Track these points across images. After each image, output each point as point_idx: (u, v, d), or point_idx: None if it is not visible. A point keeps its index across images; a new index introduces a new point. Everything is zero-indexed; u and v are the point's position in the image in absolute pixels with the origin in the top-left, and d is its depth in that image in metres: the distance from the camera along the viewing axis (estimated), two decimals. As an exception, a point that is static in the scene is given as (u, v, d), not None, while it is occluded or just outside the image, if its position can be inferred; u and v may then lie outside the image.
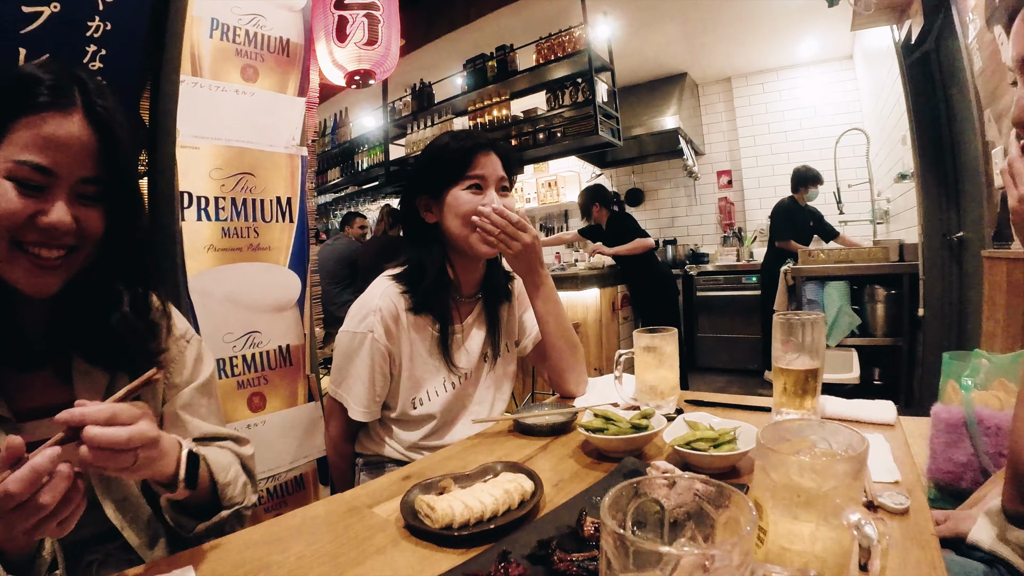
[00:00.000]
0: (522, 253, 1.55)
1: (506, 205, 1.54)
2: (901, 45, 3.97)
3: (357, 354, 1.53)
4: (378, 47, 2.58)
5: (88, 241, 0.96)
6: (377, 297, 1.54)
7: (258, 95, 2.01)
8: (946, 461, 1.63)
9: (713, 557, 0.41)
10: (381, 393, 1.56)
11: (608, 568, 0.44)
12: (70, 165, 0.91)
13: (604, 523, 0.44)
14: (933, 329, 4.05)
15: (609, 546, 0.43)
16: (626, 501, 0.48)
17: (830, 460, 0.61)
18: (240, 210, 1.96)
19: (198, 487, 0.98)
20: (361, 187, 8.62)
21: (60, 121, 0.89)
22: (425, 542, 0.90)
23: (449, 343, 1.59)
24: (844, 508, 0.55)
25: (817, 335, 1.23)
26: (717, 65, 7.22)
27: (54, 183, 0.90)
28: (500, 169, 1.58)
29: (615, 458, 1.18)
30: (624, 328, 5.53)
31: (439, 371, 1.60)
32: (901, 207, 5.07)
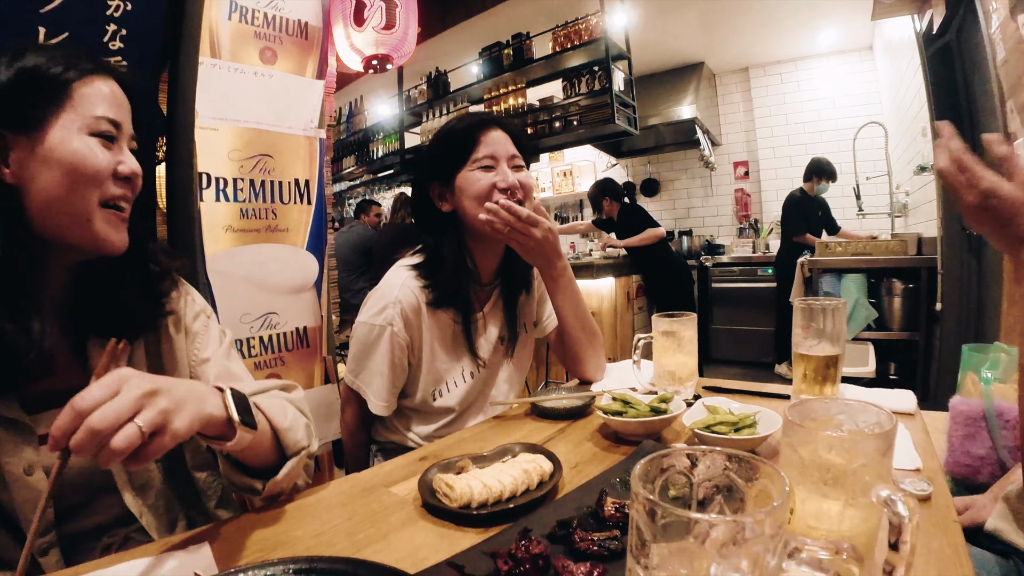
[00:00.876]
0: (535, 248, 1.50)
1: (522, 182, 1.51)
2: (922, 35, 3.92)
3: (376, 347, 1.50)
4: (396, 31, 2.56)
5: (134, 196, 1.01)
6: (396, 288, 1.50)
7: (276, 77, 2.00)
8: (964, 454, 1.62)
9: (744, 526, 0.40)
10: (399, 384, 1.54)
11: (639, 539, 0.43)
12: (125, 120, 0.98)
13: (635, 492, 0.43)
14: (951, 324, 4.02)
15: (640, 515, 0.42)
16: (655, 473, 0.48)
17: (860, 436, 0.60)
18: (258, 191, 1.96)
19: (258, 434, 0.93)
20: (376, 175, 8.64)
21: (107, 81, 0.96)
22: (443, 521, 0.90)
23: (472, 333, 1.57)
24: (873, 486, 0.54)
25: (838, 322, 1.22)
26: (735, 55, 7.16)
27: (120, 137, 0.97)
28: (510, 146, 1.52)
29: (633, 441, 1.18)
30: (639, 318, 5.52)
31: (459, 361, 1.58)
32: (920, 200, 5.02)
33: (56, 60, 0.91)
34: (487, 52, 6.31)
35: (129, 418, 0.70)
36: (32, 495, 0.90)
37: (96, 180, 0.91)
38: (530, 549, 0.69)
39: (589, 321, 1.65)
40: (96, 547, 1.00)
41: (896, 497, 0.50)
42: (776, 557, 0.42)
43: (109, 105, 0.94)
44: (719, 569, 0.41)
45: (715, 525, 0.40)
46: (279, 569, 0.70)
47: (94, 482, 1.00)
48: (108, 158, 0.93)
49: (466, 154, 1.51)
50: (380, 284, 1.57)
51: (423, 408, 1.56)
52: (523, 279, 1.70)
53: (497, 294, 1.67)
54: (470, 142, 1.51)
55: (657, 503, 0.41)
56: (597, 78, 5.56)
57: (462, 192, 1.51)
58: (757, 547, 0.41)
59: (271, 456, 1.00)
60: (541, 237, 1.48)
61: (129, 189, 0.97)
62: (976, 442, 1.60)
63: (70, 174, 0.89)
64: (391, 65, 2.66)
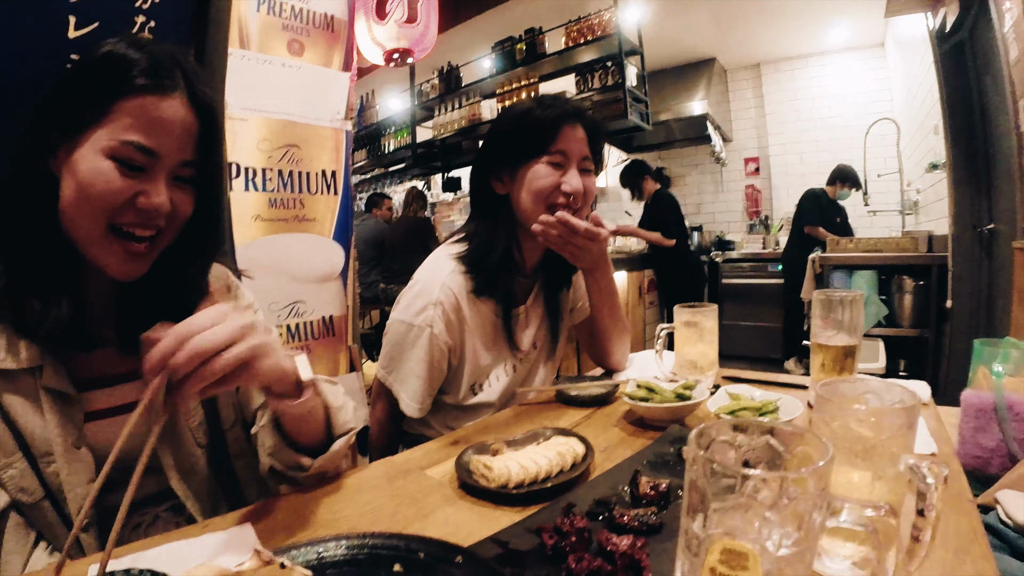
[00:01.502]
0: (587, 257, 1.47)
1: (587, 188, 1.45)
2: (935, 33, 3.93)
3: (413, 348, 1.43)
4: (417, 25, 2.59)
5: (175, 224, 0.97)
6: (438, 288, 1.43)
7: (304, 69, 2.04)
8: (975, 446, 1.64)
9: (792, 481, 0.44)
10: (436, 387, 1.49)
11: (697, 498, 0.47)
12: (172, 148, 0.91)
13: (693, 453, 0.47)
14: (961, 321, 4.03)
15: (699, 475, 0.46)
16: (707, 440, 0.52)
17: (888, 410, 0.64)
18: (287, 181, 2.00)
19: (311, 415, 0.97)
20: (387, 169, 8.67)
21: (165, 103, 0.90)
22: (481, 500, 0.92)
23: (513, 326, 1.53)
24: (899, 456, 0.58)
25: (856, 313, 1.25)
26: (746, 51, 7.17)
27: (155, 164, 0.90)
28: (585, 146, 1.46)
29: (658, 427, 1.21)
30: (650, 312, 5.54)
31: (500, 356, 1.55)
32: (931, 198, 5.03)
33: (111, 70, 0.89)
34: (500, 47, 6.33)
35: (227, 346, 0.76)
36: (78, 469, 0.92)
37: (102, 206, 0.88)
38: (574, 523, 0.73)
39: (621, 317, 1.66)
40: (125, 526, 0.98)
41: (922, 464, 0.54)
42: (821, 515, 0.46)
43: (147, 130, 0.88)
44: (769, 525, 0.45)
45: (766, 481, 0.44)
46: (332, 545, 0.73)
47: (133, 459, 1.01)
48: (123, 185, 0.88)
49: (541, 145, 1.43)
50: (421, 276, 1.50)
51: (462, 404, 1.52)
52: (567, 276, 1.67)
53: (539, 288, 1.63)
54: (549, 133, 1.43)
55: (714, 461, 0.45)
56: (610, 73, 5.57)
57: (524, 183, 1.45)
58: (803, 504, 0.45)
59: (320, 434, 1.02)
60: (597, 251, 1.46)
61: (147, 219, 0.91)
62: (987, 434, 1.62)
63: (78, 193, 0.88)
64: (412, 59, 2.70)
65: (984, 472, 1.61)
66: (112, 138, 0.87)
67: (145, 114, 0.88)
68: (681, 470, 0.97)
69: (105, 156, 0.87)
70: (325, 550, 0.72)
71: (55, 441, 0.90)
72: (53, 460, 0.91)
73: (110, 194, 0.87)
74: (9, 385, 0.89)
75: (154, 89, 0.89)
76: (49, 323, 0.88)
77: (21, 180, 0.92)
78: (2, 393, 0.89)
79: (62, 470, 0.91)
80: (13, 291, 0.90)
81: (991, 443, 1.62)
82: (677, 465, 0.99)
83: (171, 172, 0.93)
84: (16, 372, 0.89)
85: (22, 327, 0.89)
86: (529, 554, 0.74)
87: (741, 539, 0.45)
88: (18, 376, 0.90)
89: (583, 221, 1.41)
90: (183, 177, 0.95)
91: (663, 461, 1.01)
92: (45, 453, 0.91)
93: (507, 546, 0.76)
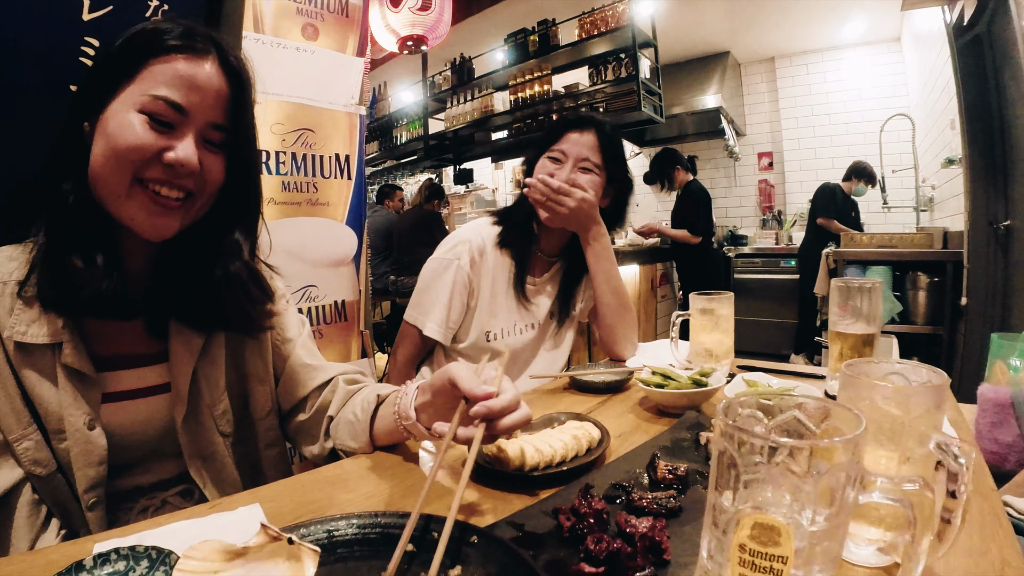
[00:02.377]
0: (570, 216, 1.61)
1: (576, 183, 1.62)
2: (952, 26, 3.88)
3: (440, 277, 1.65)
4: (431, 12, 2.58)
5: (207, 189, 0.97)
6: (469, 230, 1.71)
7: (318, 53, 2.03)
8: (991, 442, 1.62)
9: (822, 450, 0.43)
10: (456, 320, 1.67)
11: (727, 468, 0.46)
12: (202, 107, 0.92)
13: (722, 425, 0.46)
14: (976, 318, 3.99)
15: (730, 445, 0.45)
16: (734, 414, 0.50)
17: (917, 388, 0.63)
18: (300, 165, 2.00)
19: None
20: (399, 161, 8.67)
21: (197, 63, 0.91)
22: (495, 483, 0.92)
23: (524, 285, 1.70)
24: (929, 436, 0.56)
25: (874, 302, 1.24)
26: (761, 44, 7.10)
27: (185, 123, 0.91)
28: (589, 150, 1.65)
29: (674, 414, 1.20)
30: (662, 306, 5.52)
31: (513, 313, 1.71)
32: (947, 194, 4.98)
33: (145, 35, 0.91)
34: (512, 38, 6.31)
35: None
36: (90, 449, 0.93)
37: (129, 158, 0.88)
38: (593, 505, 0.72)
39: (622, 292, 1.74)
40: (133, 507, 1.02)
41: (953, 444, 0.52)
42: (854, 488, 0.44)
43: (177, 87, 0.89)
44: (801, 498, 0.44)
45: (796, 452, 0.43)
46: (343, 524, 0.72)
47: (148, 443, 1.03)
48: (150, 139, 0.88)
49: (546, 143, 1.70)
50: (460, 228, 1.77)
51: (473, 349, 1.68)
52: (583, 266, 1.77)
53: (556, 269, 1.81)
54: (554, 135, 1.69)
55: (744, 431, 0.43)
56: (623, 65, 5.54)
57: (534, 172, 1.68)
58: (836, 478, 0.43)
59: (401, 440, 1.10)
60: (574, 206, 1.59)
61: (174, 176, 0.91)
62: (1004, 429, 1.60)
63: (106, 146, 0.88)
64: (426, 46, 2.68)
65: (1000, 468, 1.58)
66: (143, 93, 0.88)
67: (176, 73, 0.89)
68: (698, 456, 0.96)
69: (135, 110, 0.88)
70: (335, 528, 0.72)
71: (68, 420, 0.91)
72: (65, 438, 0.91)
73: (137, 146, 0.88)
74: (28, 359, 0.90)
75: (186, 50, 0.91)
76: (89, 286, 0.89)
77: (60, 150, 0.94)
78: (21, 367, 0.89)
79: (72, 448, 0.91)
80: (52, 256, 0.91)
81: (1008, 438, 1.60)
82: (694, 451, 0.98)
83: (201, 133, 0.93)
84: (35, 347, 0.90)
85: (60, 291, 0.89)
86: (545, 536, 0.73)
87: (772, 514, 0.44)
88: (37, 351, 0.90)
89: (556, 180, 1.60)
90: (214, 142, 0.96)
91: (680, 447, 1.00)
92: (58, 430, 0.91)
93: (523, 528, 0.75)
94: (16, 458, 0.89)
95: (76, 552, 0.71)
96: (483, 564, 0.64)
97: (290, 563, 0.57)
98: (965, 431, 1.07)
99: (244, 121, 1.00)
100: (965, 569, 0.64)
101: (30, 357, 0.90)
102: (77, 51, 1.25)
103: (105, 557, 0.61)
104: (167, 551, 0.63)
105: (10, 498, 0.87)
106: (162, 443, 1.04)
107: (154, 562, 0.62)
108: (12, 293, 0.90)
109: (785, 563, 0.43)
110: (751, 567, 0.44)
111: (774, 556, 0.43)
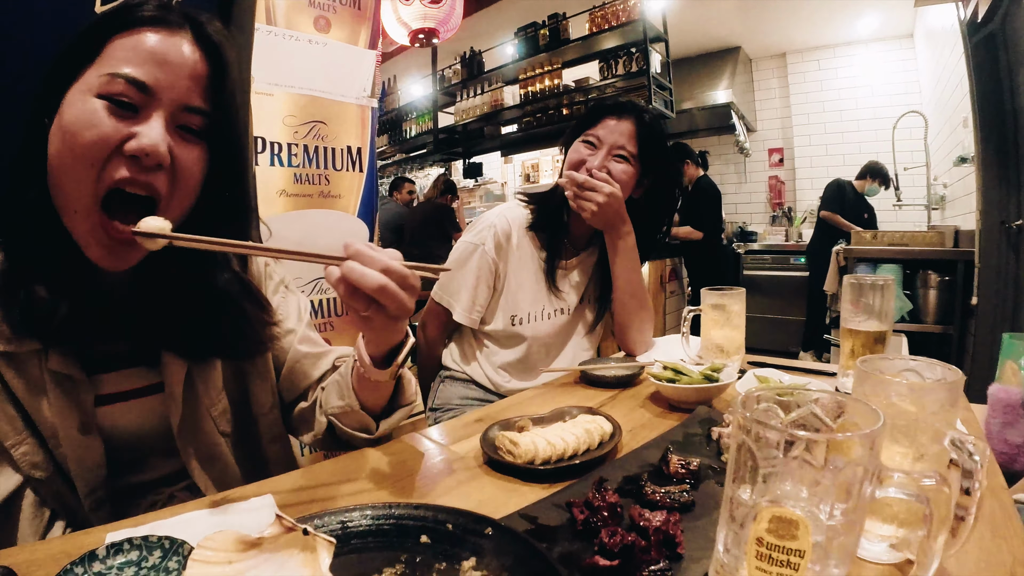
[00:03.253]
0: (599, 213, 1.56)
1: (611, 171, 1.59)
2: (966, 23, 3.85)
3: (467, 262, 1.65)
4: (443, 5, 2.58)
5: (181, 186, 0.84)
6: (495, 214, 1.71)
7: (330, 46, 2.03)
8: (1001, 442, 1.61)
9: (839, 444, 0.43)
10: (482, 304, 1.68)
11: (745, 461, 0.46)
12: (173, 86, 0.79)
13: (740, 418, 0.46)
14: (986, 318, 3.97)
15: (749, 438, 0.45)
16: (751, 407, 0.50)
17: (933, 384, 0.63)
18: (312, 157, 2.00)
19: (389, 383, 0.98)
20: (408, 154, 8.68)
21: (167, 36, 0.80)
22: (507, 476, 0.92)
23: (554, 271, 1.69)
24: (943, 434, 0.56)
25: (887, 299, 1.23)
26: (772, 40, 7.07)
27: (150, 104, 0.78)
28: (626, 137, 1.61)
29: (685, 409, 1.20)
30: (671, 302, 5.51)
31: (540, 296, 1.70)
32: (959, 192, 4.94)
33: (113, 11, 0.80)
34: (523, 32, 6.31)
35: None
36: (86, 454, 0.88)
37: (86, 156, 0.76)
38: (606, 498, 0.72)
39: (642, 293, 1.70)
40: (141, 504, 0.98)
41: (967, 441, 0.52)
42: (872, 483, 0.44)
43: (141, 63, 0.77)
44: (819, 492, 0.44)
45: (814, 445, 0.43)
46: (356, 515, 0.72)
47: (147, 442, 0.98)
48: (108, 127, 0.75)
49: (582, 127, 1.67)
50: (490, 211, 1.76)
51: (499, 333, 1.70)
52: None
53: (587, 254, 1.79)
54: (591, 120, 1.65)
55: (763, 423, 0.44)
56: (634, 60, 5.53)
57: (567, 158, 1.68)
58: (853, 472, 0.44)
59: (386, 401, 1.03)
60: (603, 202, 1.55)
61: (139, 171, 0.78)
62: (1014, 429, 1.60)
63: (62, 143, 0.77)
64: (437, 39, 2.69)
65: (1010, 468, 1.58)
66: (102, 73, 0.76)
67: (141, 46, 0.78)
68: (710, 451, 0.96)
69: (92, 95, 0.76)
70: (349, 520, 0.72)
71: (60, 425, 0.85)
72: (60, 444, 0.86)
73: (96, 139, 0.75)
74: (13, 367, 0.83)
75: (155, 22, 0.80)
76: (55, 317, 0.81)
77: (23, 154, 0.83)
78: (8, 375, 0.83)
79: (68, 454, 0.86)
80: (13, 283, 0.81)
81: (1018, 439, 1.59)
82: (705, 446, 0.98)
83: (173, 117, 0.81)
84: (20, 355, 0.83)
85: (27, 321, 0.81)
86: (559, 529, 0.73)
87: (790, 507, 0.44)
88: (23, 358, 0.83)
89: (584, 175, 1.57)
90: (191, 128, 0.84)
91: (691, 442, 1.00)
92: (52, 436, 0.86)
93: (536, 521, 0.75)
94: (14, 463, 0.84)
95: (89, 542, 0.72)
96: (497, 555, 0.64)
97: (305, 554, 0.57)
98: (976, 431, 1.06)
99: (226, 104, 0.87)
100: (976, 567, 0.64)
101: (17, 365, 0.83)
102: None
103: (118, 547, 0.61)
104: (180, 541, 0.63)
105: (13, 502, 0.83)
106: (162, 442, 0.98)
107: (167, 552, 0.62)
108: None
109: (803, 557, 0.43)
110: (768, 560, 0.44)
111: (791, 550, 0.43)
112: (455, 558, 0.65)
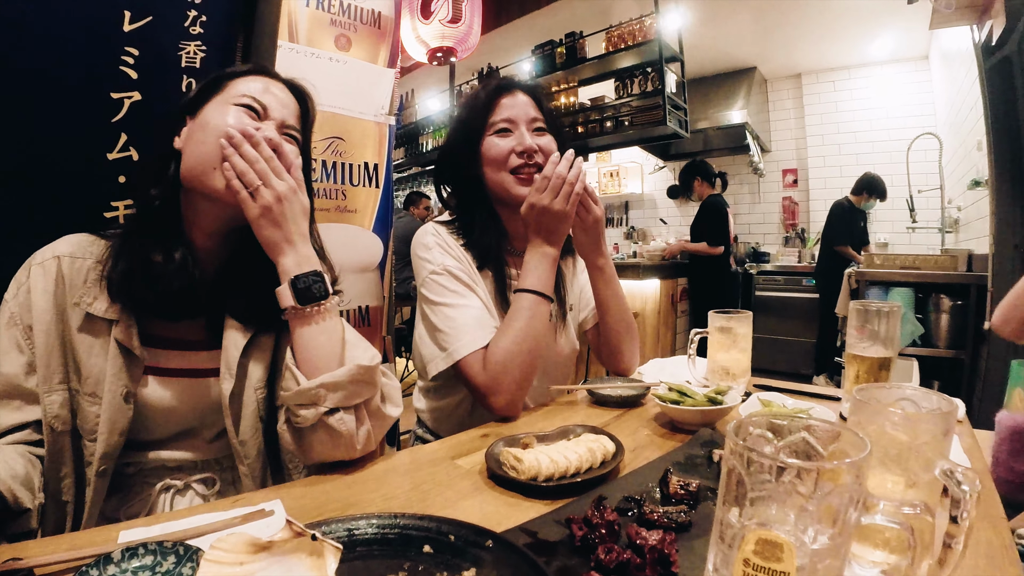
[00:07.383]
0: (593, 226, 1.50)
1: (542, 146, 1.48)
2: (981, 46, 3.85)
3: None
4: (461, 25, 2.62)
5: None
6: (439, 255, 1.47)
7: (350, 64, 2.08)
8: (1008, 470, 1.61)
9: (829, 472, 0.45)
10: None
11: (735, 486, 0.48)
12: (278, 108, 1.10)
13: (732, 443, 0.48)
14: (998, 343, 3.94)
15: (739, 463, 0.47)
16: (744, 433, 0.52)
17: (925, 414, 0.64)
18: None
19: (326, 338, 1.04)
20: (424, 168, 8.75)
21: (268, 81, 1.12)
22: (510, 491, 0.93)
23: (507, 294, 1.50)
24: (935, 462, 0.58)
25: (892, 325, 1.24)
26: (788, 60, 7.08)
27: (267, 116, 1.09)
28: (532, 110, 1.50)
29: (689, 431, 1.21)
30: (682, 321, 5.52)
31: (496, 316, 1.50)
32: (972, 216, 4.93)
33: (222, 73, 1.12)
34: (540, 50, 6.36)
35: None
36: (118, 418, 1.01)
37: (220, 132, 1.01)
38: (605, 516, 0.74)
39: (629, 315, 1.63)
40: (156, 484, 1.07)
41: (957, 470, 0.54)
42: (857, 510, 0.46)
43: (257, 93, 1.08)
44: (805, 517, 0.46)
45: (803, 473, 0.45)
46: (363, 523, 0.74)
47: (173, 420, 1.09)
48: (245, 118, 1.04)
49: (485, 120, 1.50)
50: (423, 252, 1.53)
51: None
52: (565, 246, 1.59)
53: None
54: (488, 107, 1.50)
55: (753, 450, 0.46)
56: (650, 79, 5.57)
57: (483, 159, 1.50)
58: (839, 498, 0.45)
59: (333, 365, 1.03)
60: (600, 216, 1.51)
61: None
62: (1021, 457, 1.60)
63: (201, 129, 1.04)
64: (455, 58, 2.72)
65: (1015, 498, 1.57)
66: (229, 99, 1.07)
67: (254, 85, 1.09)
68: (711, 472, 0.97)
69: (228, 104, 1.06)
70: (356, 528, 0.74)
71: (107, 388, 1.00)
72: (97, 401, 1.00)
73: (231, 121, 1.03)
74: (88, 326, 1.01)
75: (258, 72, 1.13)
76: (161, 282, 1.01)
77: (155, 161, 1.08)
78: (80, 331, 1.01)
79: (103, 414, 0.99)
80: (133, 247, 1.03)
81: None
82: (707, 467, 1.00)
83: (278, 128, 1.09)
84: (97, 318, 1.01)
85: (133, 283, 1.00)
86: (557, 544, 0.75)
87: (776, 531, 0.46)
88: (97, 321, 1.01)
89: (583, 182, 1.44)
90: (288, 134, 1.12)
91: (693, 463, 1.02)
92: (94, 394, 1.00)
93: (536, 535, 0.77)
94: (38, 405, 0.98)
95: (101, 538, 0.75)
96: (496, 567, 0.66)
97: (313, 558, 0.59)
98: (978, 458, 1.07)
99: (308, 132, 1.20)
100: (970, 596, 0.65)
101: (91, 325, 1.01)
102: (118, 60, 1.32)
103: (133, 551, 0.63)
104: (195, 548, 0.65)
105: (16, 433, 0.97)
106: (197, 422, 1.12)
107: (181, 558, 0.65)
108: (89, 268, 1.03)
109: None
110: (755, 581, 0.46)
111: (777, 572, 0.45)
112: (456, 568, 0.67)
